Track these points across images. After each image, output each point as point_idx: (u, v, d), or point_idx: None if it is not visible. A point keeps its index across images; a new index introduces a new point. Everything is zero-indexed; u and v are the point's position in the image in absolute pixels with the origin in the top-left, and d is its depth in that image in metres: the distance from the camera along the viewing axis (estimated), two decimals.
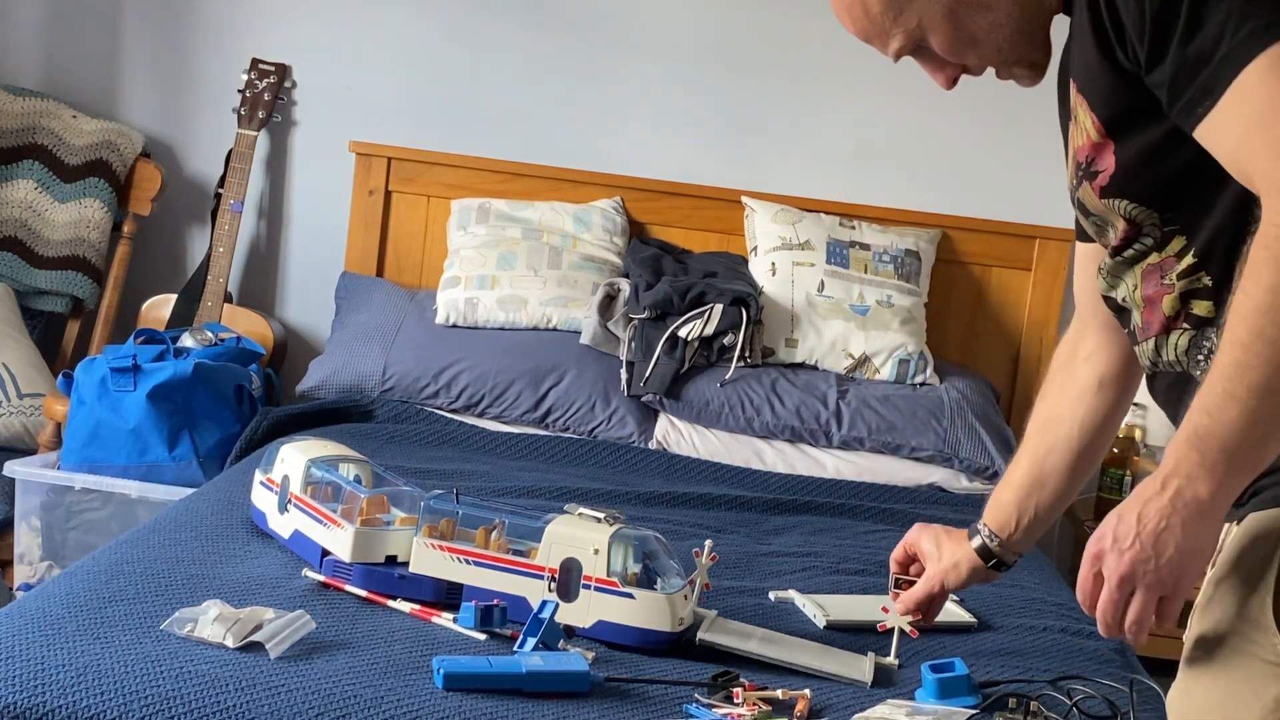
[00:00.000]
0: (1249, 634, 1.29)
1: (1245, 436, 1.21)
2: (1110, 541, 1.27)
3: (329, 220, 3.87)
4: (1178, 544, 1.24)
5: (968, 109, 3.78)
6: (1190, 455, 1.23)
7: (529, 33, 3.82)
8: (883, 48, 1.53)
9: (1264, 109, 1.22)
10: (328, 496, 2.26)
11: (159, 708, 1.65)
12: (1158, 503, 1.24)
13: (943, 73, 1.56)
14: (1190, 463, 1.23)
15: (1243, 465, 1.23)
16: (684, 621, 2.01)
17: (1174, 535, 1.24)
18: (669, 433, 3.32)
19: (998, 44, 1.47)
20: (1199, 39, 1.26)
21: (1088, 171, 1.43)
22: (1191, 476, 1.23)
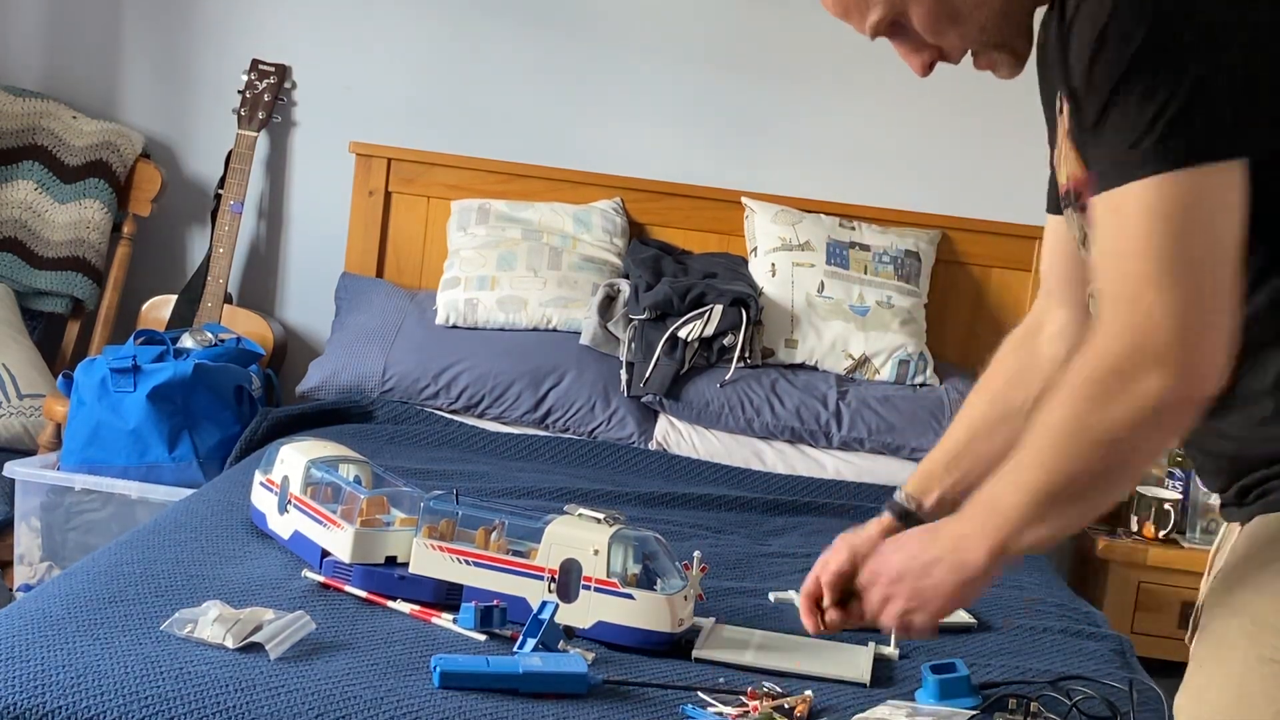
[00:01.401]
0: (1260, 637, 1.29)
1: (1019, 523, 1.38)
2: (889, 579, 1.47)
3: (329, 221, 3.87)
4: (943, 600, 1.45)
5: (968, 110, 3.78)
6: (968, 526, 1.41)
7: (529, 33, 3.82)
8: (860, 23, 1.47)
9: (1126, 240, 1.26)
10: (327, 497, 2.26)
11: (159, 708, 1.65)
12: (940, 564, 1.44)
13: (919, 56, 1.49)
14: (967, 533, 1.42)
15: (1014, 542, 1.40)
16: (684, 622, 2.01)
17: (941, 594, 1.45)
18: (669, 433, 3.32)
19: (980, 22, 1.43)
20: (1109, 125, 1.27)
21: (1075, 204, 1.42)
22: (967, 545, 1.42)
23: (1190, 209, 1.23)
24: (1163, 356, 1.25)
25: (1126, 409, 1.27)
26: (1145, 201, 1.24)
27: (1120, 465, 1.32)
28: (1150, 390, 1.25)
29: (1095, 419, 1.29)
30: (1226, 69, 1.23)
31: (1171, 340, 1.24)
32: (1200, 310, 1.24)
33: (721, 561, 2.50)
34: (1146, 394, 1.26)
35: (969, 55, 1.49)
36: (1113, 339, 1.27)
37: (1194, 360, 1.25)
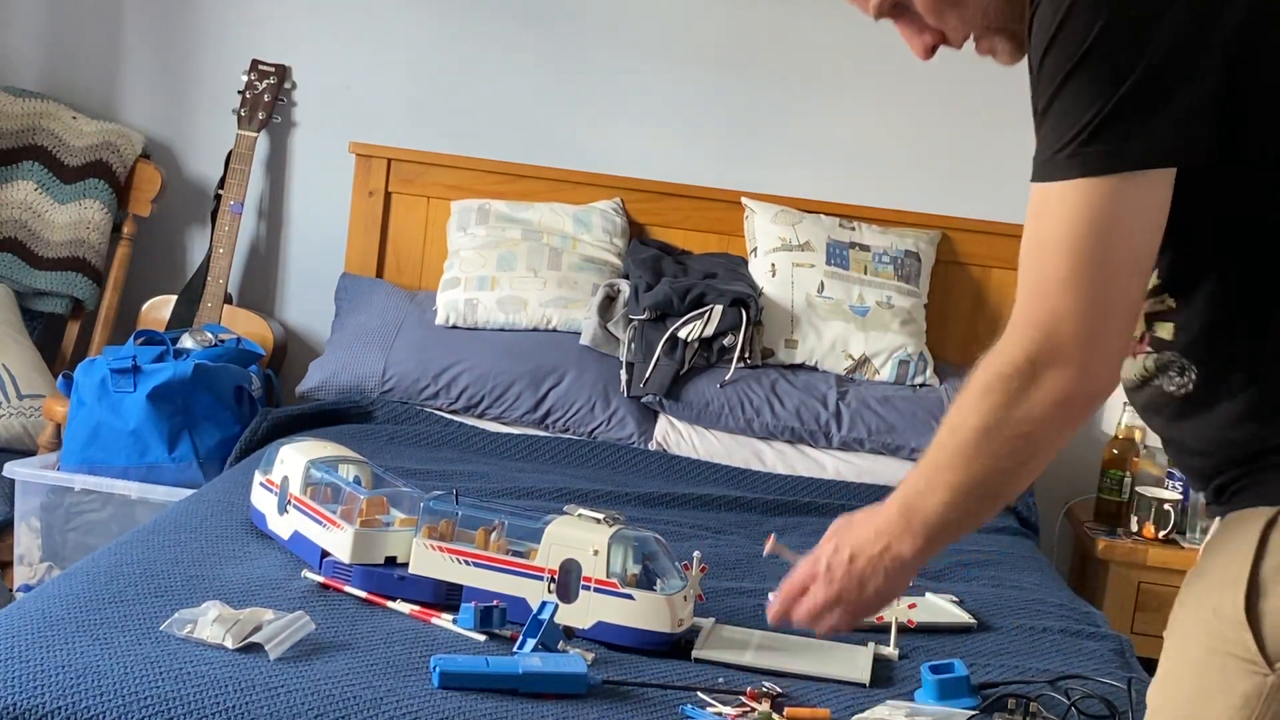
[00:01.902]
0: (1221, 630, 1.31)
1: (944, 518, 1.44)
2: (824, 569, 1.53)
3: (329, 221, 3.87)
4: (877, 588, 1.51)
5: (968, 110, 3.78)
6: (899, 522, 1.47)
7: (529, 34, 3.82)
8: (864, 3, 1.53)
9: (1043, 238, 1.29)
10: (327, 497, 2.27)
11: (158, 709, 1.65)
12: (869, 552, 1.50)
13: (920, 39, 1.52)
14: (898, 529, 1.47)
15: (939, 538, 1.46)
16: (683, 623, 2.01)
17: (876, 581, 1.51)
18: (669, 434, 3.32)
19: (982, 5, 1.44)
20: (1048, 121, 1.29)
21: None
22: (898, 539, 1.47)
23: (1110, 216, 1.27)
24: (1066, 355, 1.30)
25: (1034, 405, 1.32)
26: (1068, 202, 1.27)
27: (1030, 459, 1.38)
28: (1054, 386, 1.31)
29: (1006, 415, 1.34)
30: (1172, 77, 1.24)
31: (1075, 340, 1.29)
32: (1105, 315, 1.29)
33: (721, 562, 2.50)
34: (1051, 389, 1.31)
35: (971, 43, 1.49)
36: (1021, 335, 1.32)
37: (1094, 361, 1.30)
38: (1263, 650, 1.27)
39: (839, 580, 1.52)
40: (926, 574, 2.58)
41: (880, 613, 1.57)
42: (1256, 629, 1.28)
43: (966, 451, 1.38)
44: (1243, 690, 1.28)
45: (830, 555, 1.53)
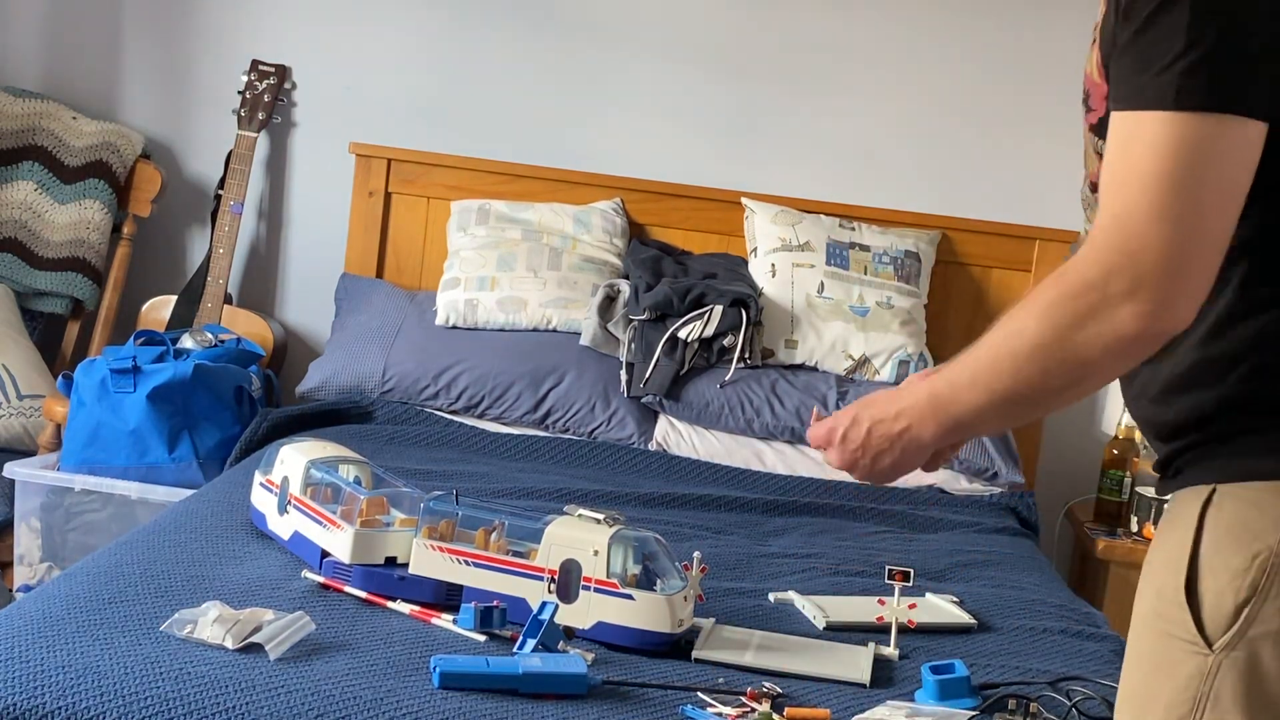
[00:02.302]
0: (1165, 611, 1.32)
1: (974, 417, 1.42)
2: (839, 437, 1.54)
3: (329, 221, 3.87)
4: (892, 461, 1.51)
5: (968, 110, 3.78)
6: (925, 408, 1.45)
7: (529, 34, 3.82)
8: None
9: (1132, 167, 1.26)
10: (327, 498, 2.27)
11: (158, 709, 1.65)
12: (886, 429, 1.49)
13: None
14: (923, 414, 1.45)
15: (965, 431, 1.45)
16: (683, 623, 2.01)
17: (891, 456, 1.50)
18: (669, 434, 3.32)
19: None
20: (1139, 46, 1.27)
21: (1084, 103, 1.43)
22: (920, 423, 1.46)
23: (1208, 152, 1.24)
24: (1145, 285, 1.25)
25: (1099, 332, 1.27)
26: (1166, 133, 1.24)
27: (1079, 383, 1.33)
28: (1127, 318, 1.26)
29: (1069, 336, 1.29)
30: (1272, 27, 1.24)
31: (1157, 272, 1.25)
32: (1191, 251, 1.25)
33: (721, 562, 2.50)
34: (1122, 319, 1.26)
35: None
36: (1102, 258, 1.27)
37: (1173, 296, 1.25)
38: (1201, 631, 1.29)
39: (850, 451, 1.53)
40: (927, 574, 2.58)
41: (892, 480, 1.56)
42: (1195, 610, 1.30)
43: (1017, 360, 1.33)
44: (1186, 671, 1.30)
45: (847, 425, 1.53)
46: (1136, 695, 1.36)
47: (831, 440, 1.56)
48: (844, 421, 1.54)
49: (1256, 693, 1.27)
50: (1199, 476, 1.34)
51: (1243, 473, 1.31)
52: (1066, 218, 3.67)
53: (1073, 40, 3.74)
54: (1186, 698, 1.29)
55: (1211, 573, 1.29)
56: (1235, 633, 1.27)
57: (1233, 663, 1.27)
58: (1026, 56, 3.76)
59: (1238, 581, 1.28)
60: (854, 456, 1.53)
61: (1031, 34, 3.76)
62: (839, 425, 1.54)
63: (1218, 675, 1.28)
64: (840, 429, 1.54)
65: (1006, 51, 3.77)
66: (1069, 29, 3.74)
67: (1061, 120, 3.76)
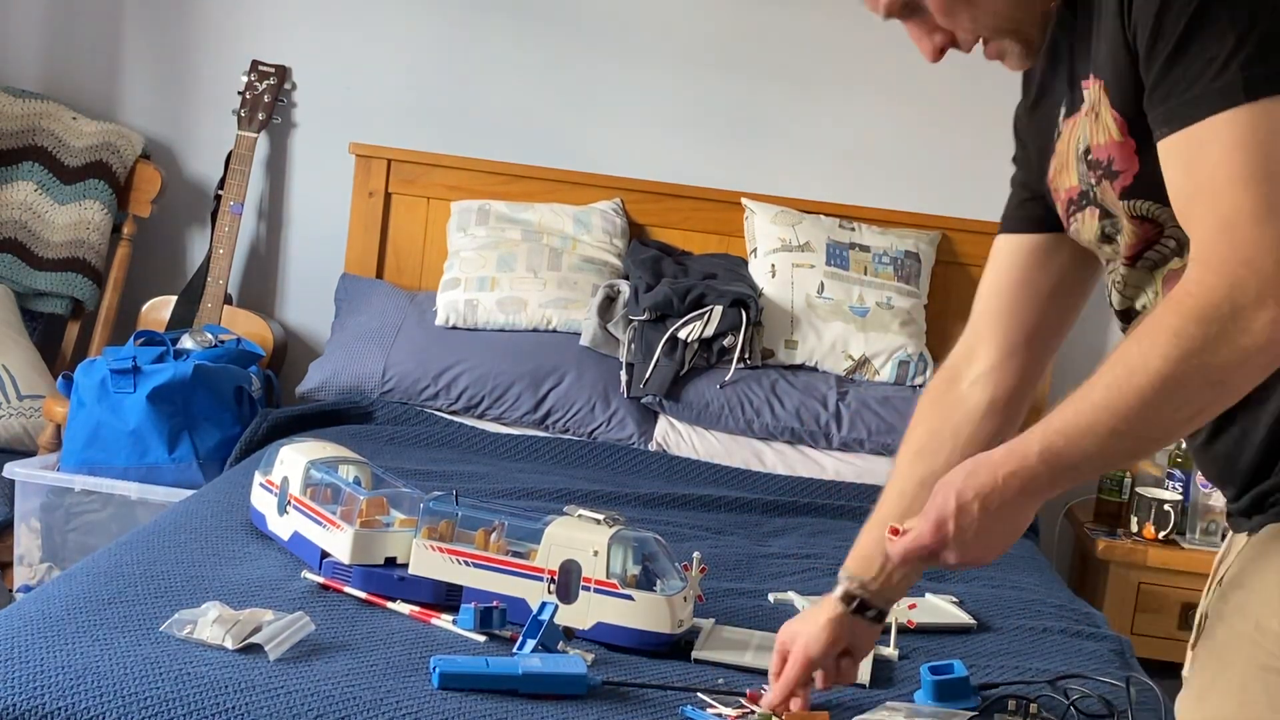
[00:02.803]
0: (1262, 643, 1.29)
1: (1089, 468, 1.33)
2: (953, 530, 1.39)
3: (329, 222, 3.87)
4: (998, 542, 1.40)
5: (967, 110, 3.78)
6: (1038, 466, 1.34)
7: (529, 35, 3.82)
8: (874, 2, 1.48)
9: (1217, 174, 1.22)
10: (327, 498, 2.27)
11: (158, 709, 1.65)
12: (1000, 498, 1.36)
13: (930, 40, 1.48)
14: (1036, 472, 1.34)
15: (1075, 481, 1.35)
16: (683, 623, 2.01)
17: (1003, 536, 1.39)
18: (669, 434, 3.32)
19: (995, 7, 1.41)
20: (1183, 62, 1.24)
21: (1109, 171, 1.38)
22: (1035, 481, 1.35)
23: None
24: (1272, 289, 1.20)
25: (1233, 350, 1.22)
26: (1235, 132, 1.21)
27: (1217, 404, 1.28)
28: (1260, 327, 1.20)
29: (1202, 362, 1.23)
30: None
31: (1276, 273, 1.20)
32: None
33: (721, 563, 2.50)
34: (1257, 332, 1.20)
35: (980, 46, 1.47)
36: (1218, 274, 1.21)
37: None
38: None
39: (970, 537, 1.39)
40: (927, 574, 2.58)
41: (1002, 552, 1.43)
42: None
43: (1145, 397, 1.25)
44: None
45: (953, 513, 1.39)
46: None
47: (945, 539, 1.40)
48: (947, 510, 1.39)
49: None
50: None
51: None
52: None
53: None
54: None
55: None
56: None
57: None
58: None
59: None
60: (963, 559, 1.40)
61: None
62: (945, 517, 1.39)
63: None
64: (949, 521, 1.39)
65: None
66: None
67: None
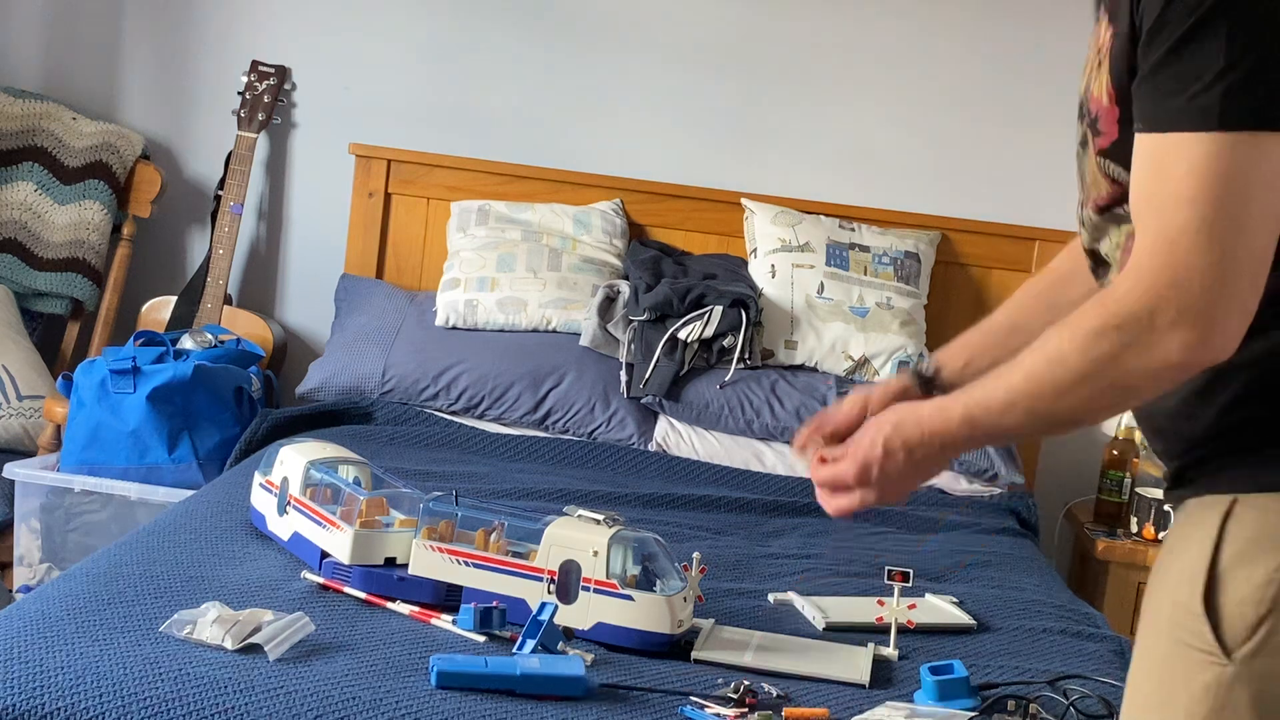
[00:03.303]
0: (1182, 621, 1.32)
1: (1010, 437, 1.43)
2: (876, 474, 1.47)
3: (329, 222, 3.87)
4: (918, 482, 1.49)
5: (967, 111, 3.78)
6: (959, 431, 1.41)
7: (529, 35, 3.82)
8: None
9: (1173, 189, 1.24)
10: (327, 498, 2.27)
11: (158, 710, 1.65)
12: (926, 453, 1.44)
13: None
14: (956, 437, 1.41)
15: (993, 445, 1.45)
16: (683, 624, 2.01)
17: (920, 478, 1.48)
18: (668, 435, 3.32)
19: None
20: (1174, 66, 1.25)
21: (1093, 127, 1.41)
22: (955, 446, 1.43)
23: (1246, 173, 1.22)
24: (1191, 313, 1.23)
25: (1145, 362, 1.26)
26: (1199, 156, 1.23)
27: (1121, 405, 1.35)
28: (1172, 347, 1.25)
29: (1114, 366, 1.28)
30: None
31: (1203, 298, 1.23)
32: (1236, 274, 1.23)
33: (721, 563, 2.50)
34: (1168, 350, 1.25)
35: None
36: (1146, 287, 1.25)
37: (1220, 322, 1.24)
38: (1220, 641, 1.29)
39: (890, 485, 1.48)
40: (926, 575, 2.58)
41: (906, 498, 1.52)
42: (1215, 620, 1.29)
43: (1059, 388, 1.31)
44: (1203, 681, 1.29)
45: (880, 458, 1.46)
46: (1150, 704, 1.35)
47: (868, 478, 1.48)
48: (875, 454, 1.46)
49: (1274, 704, 1.27)
50: (1217, 486, 1.33)
51: (1265, 484, 1.30)
52: (1066, 218, 3.66)
53: (1072, 40, 3.74)
54: (1204, 708, 1.29)
55: (1233, 583, 1.29)
56: (1256, 644, 1.27)
57: (1251, 674, 1.27)
58: (1026, 56, 3.76)
59: (1260, 593, 1.27)
60: (892, 489, 1.49)
61: (1031, 34, 3.76)
62: (870, 459, 1.47)
63: (1236, 686, 1.27)
64: (876, 464, 1.47)
65: (1006, 51, 3.77)
66: (1069, 29, 3.73)
67: (1061, 120, 3.75)
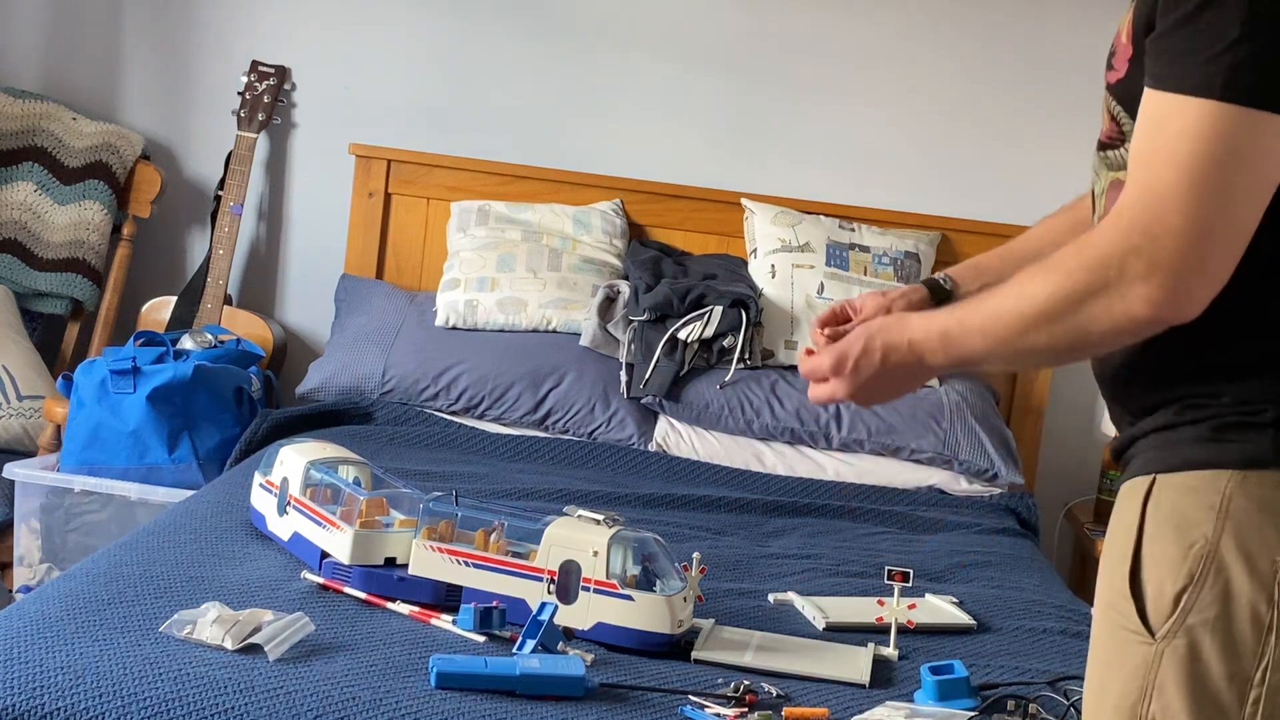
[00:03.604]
0: (1116, 603, 1.34)
1: (979, 361, 1.44)
2: (851, 367, 1.49)
3: (329, 222, 3.87)
4: (897, 389, 1.52)
5: (967, 111, 3.78)
6: (936, 344, 1.44)
7: (529, 35, 3.82)
8: None
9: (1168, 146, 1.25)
10: (327, 499, 2.27)
11: (158, 710, 1.65)
12: (901, 358, 1.47)
13: None
14: (934, 349, 1.44)
15: (967, 368, 1.51)
16: (683, 624, 2.01)
17: (897, 385, 1.51)
18: (668, 435, 3.32)
19: None
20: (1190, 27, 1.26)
21: (1108, 60, 1.42)
22: (932, 356, 1.45)
23: (1244, 147, 1.23)
24: (1161, 270, 1.24)
25: (1108, 309, 1.27)
26: (1199, 120, 1.24)
27: (1078, 352, 1.35)
28: (1137, 300, 1.26)
29: (1077, 308, 1.29)
30: None
31: (1176, 259, 1.24)
32: (1213, 243, 1.24)
33: (721, 563, 2.50)
34: (1131, 301, 1.26)
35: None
36: (1122, 236, 1.26)
37: (1187, 286, 1.25)
38: (1145, 621, 1.30)
39: (863, 381, 1.49)
40: (927, 575, 2.58)
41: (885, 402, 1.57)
42: (1139, 600, 1.31)
43: (1025, 322, 1.33)
44: (1134, 661, 1.31)
45: (858, 355, 1.49)
46: (1094, 687, 1.38)
47: (842, 370, 1.50)
48: (854, 350, 1.49)
49: (1197, 680, 1.28)
50: (1141, 467, 1.36)
51: (1179, 462, 1.33)
52: None
53: (1071, 40, 3.74)
54: (1134, 688, 1.30)
55: (1153, 563, 1.31)
56: (1174, 621, 1.29)
57: (1174, 651, 1.29)
58: (1026, 57, 3.76)
59: (1175, 571, 1.29)
60: (852, 392, 1.51)
61: (1031, 34, 3.76)
62: (849, 354, 1.49)
63: (1161, 664, 1.29)
64: (852, 358, 1.49)
65: (1006, 52, 3.77)
66: (1068, 30, 3.74)
67: (1061, 120, 3.76)
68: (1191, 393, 1.34)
